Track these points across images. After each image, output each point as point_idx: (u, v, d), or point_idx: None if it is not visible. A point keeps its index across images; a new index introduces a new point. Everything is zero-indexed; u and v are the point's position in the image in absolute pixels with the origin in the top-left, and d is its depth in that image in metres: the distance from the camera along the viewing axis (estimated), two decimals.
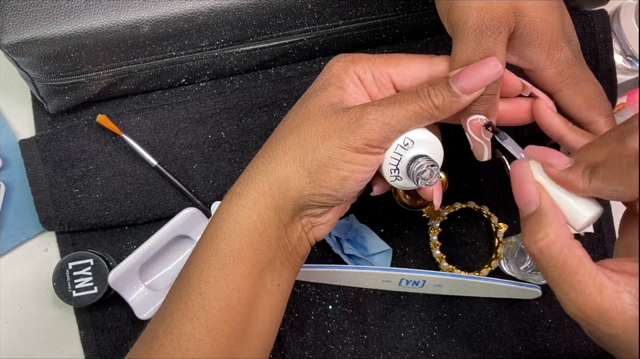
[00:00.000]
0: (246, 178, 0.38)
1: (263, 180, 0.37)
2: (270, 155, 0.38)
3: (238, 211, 0.38)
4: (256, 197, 0.37)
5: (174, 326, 0.37)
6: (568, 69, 0.38)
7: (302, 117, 0.38)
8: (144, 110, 0.55)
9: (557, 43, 0.38)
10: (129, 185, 0.55)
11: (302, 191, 0.37)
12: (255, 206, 0.37)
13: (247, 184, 0.38)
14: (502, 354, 0.58)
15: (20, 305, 0.58)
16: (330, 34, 0.53)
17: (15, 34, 0.46)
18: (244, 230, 0.37)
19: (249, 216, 0.37)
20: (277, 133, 0.39)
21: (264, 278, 0.38)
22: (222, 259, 0.37)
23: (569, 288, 0.30)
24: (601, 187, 0.30)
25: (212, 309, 0.37)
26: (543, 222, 0.31)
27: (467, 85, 0.35)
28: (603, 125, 0.40)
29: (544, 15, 0.37)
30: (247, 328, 0.38)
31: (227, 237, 0.37)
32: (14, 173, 0.58)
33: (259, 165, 0.38)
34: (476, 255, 0.59)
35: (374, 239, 0.58)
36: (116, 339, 0.57)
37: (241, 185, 0.38)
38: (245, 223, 0.37)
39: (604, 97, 0.40)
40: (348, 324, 0.58)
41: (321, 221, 0.40)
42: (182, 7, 0.47)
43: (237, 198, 0.38)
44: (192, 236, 0.55)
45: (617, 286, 0.29)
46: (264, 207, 0.37)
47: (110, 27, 0.47)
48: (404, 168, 0.38)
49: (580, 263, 0.30)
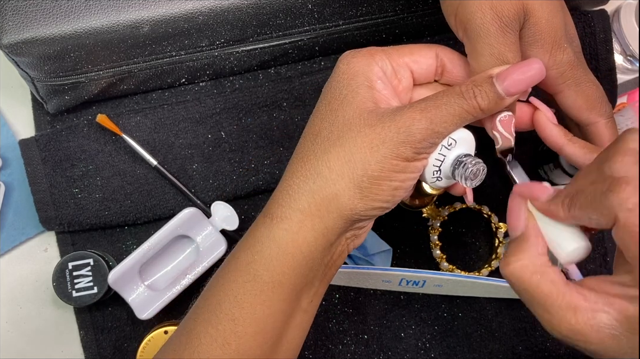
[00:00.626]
0: (287, 198, 0.36)
1: (309, 200, 0.35)
2: (313, 173, 0.35)
3: (281, 236, 0.35)
4: (302, 220, 0.35)
5: (202, 350, 0.36)
6: (570, 70, 0.38)
7: (341, 128, 0.35)
8: (143, 110, 0.55)
9: (560, 44, 0.38)
10: (129, 185, 0.55)
11: (355, 209, 0.35)
12: (301, 230, 0.35)
13: (289, 206, 0.36)
14: (502, 354, 0.58)
15: (20, 305, 0.58)
16: (330, 33, 0.53)
17: (15, 34, 0.46)
18: (287, 256, 0.35)
19: (293, 240, 0.35)
20: (315, 147, 0.36)
21: (301, 298, 0.37)
22: (260, 285, 0.35)
23: (542, 310, 0.31)
24: (579, 215, 0.31)
25: (245, 336, 0.35)
26: (520, 247, 0.33)
27: (513, 87, 0.34)
28: (603, 126, 0.40)
29: (549, 16, 0.37)
30: (278, 347, 0.37)
31: (268, 263, 0.35)
32: (13, 173, 0.58)
33: (301, 185, 0.35)
34: (476, 255, 0.59)
35: (374, 239, 0.58)
36: (116, 339, 0.57)
37: (281, 207, 0.36)
38: (289, 247, 0.35)
39: (604, 98, 0.40)
40: (348, 324, 0.58)
41: (363, 231, 0.39)
42: (182, 7, 0.47)
43: (279, 222, 0.36)
44: (192, 236, 0.55)
45: (594, 306, 0.29)
46: (311, 230, 0.35)
47: (110, 27, 0.47)
48: (447, 169, 0.37)
49: (553, 286, 0.30)
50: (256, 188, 0.56)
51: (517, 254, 0.32)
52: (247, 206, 0.57)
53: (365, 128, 0.35)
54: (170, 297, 0.54)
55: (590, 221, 0.30)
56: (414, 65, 0.38)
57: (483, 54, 0.36)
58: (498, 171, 0.59)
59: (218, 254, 0.54)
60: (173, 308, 0.55)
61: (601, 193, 0.29)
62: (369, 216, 0.36)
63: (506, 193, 0.59)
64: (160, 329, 0.53)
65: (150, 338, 0.53)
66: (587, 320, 0.29)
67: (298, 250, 0.35)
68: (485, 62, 0.36)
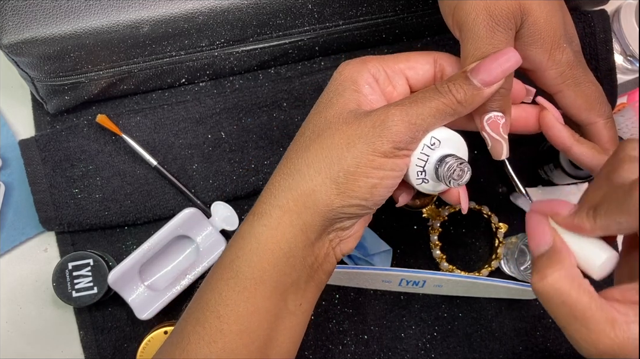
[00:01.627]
0: (268, 196, 0.37)
1: (287, 196, 0.36)
2: (292, 170, 0.36)
3: (261, 232, 0.36)
4: (280, 216, 0.36)
5: (190, 349, 0.36)
6: (569, 70, 0.38)
7: (321, 127, 0.36)
8: (143, 110, 0.55)
9: (559, 44, 0.38)
10: (129, 185, 0.55)
11: (331, 205, 0.35)
12: (279, 225, 0.36)
13: (270, 202, 0.36)
14: (502, 355, 0.58)
15: (20, 305, 0.58)
16: (330, 33, 0.53)
17: (15, 34, 0.46)
18: (267, 251, 0.36)
19: (272, 236, 0.36)
20: (296, 146, 0.37)
21: (286, 299, 0.37)
22: (242, 281, 0.36)
23: (581, 325, 0.29)
24: (606, 223, 0.30)
25: (231, 334, 0.36)
26: (553, 259, 0.31)
27: (488, 77, 0.34)
28: (602, 126, 0.40)
29: (548, 15, 0.37)
30: (267, 350, 0.37)
31: (249, 259, 0.36)
32: (13, 173, 0.58)
33: (281, 182, 0.36)
34: (476, 255, 0.59)
35: (374, 239, 0.58)
36: (116, 339, 0.57)
37: (263, 204, 0.37)
38: (268, 243, 0.36)
39: (604, 98, 0.40)
40: (348, 325, 0.58)
41: (349, 234, 0.38)
42: (182, 6, 0.47)
43: (260, 218, 0.36)
44: (192, 236, 0.55)
45: (627, 318, 0.29)
46: (289, 226, 0.36)
47: (110, 27, 0.47)
48: (431, 170, 0.36)
49: (591, 298, 0.29)
50: (256, 188, 0.56)
51: (551, 266, 0.31)
52: (247, 206, 0.57)
53: (343, 126, 0.35)
54: (170, 297, 0.54)
55: (619, 226, 0.30)
56: (410, 72, 0.38)
57: (470, 54, 0.36)
58: (498, 171, 0.59)
59: (218, 254, 0.54)
60: (173, 308, 0.55)
61: (624, 194, 0.29)
62: (347, 215, 0.36)
63: (506, 194, 0.59)
64: (160, 329, 0.53)
65: (150, 338, 0.53)
66: (624, 333, 0.28)
67: (277, 246, 0.36)
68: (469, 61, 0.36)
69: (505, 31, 0.36)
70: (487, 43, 0.35)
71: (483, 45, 0.35)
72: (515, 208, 0.60)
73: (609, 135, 0.40)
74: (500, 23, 0.35)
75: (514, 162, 0.59)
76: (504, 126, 0.37)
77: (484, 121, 0.37)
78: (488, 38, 0.35)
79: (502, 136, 0.37)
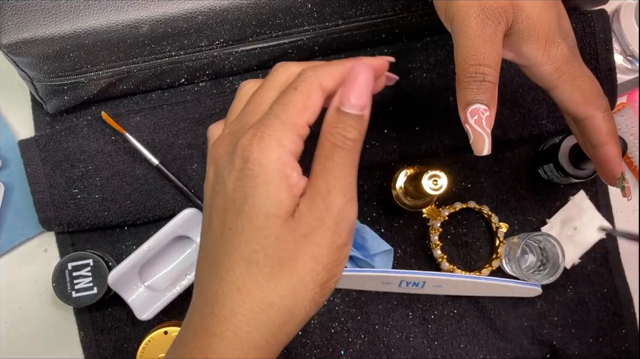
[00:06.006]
0: (237, 339, 0.31)
1: (265, 337, 0.31)
2: (263, 306, 0.31)
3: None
4: (259, 355, 0.31)
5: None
6: (565, 65, 0.38)
7: (276, 248, 0.31)
8: (143, 110, 0.55)
9: (553, 39, 0.38)
10: (129, 185, 0.55)
11: (311, 312, 0.33)
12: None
13: (242, 346, 0.31)
14: (509, 353, 0.58)
15: (19, 306, 0.58)
16: (330, 33, 0.53)
17: (15, 34, 0.46)
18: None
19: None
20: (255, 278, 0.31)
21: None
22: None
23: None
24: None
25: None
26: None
27: (360, 100, 0.32)
28: (600, 119, 0.40)
29: (541, 11, 0.37)
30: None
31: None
32: (13, 173, 0.58)
33: (251, 323, 0.31)
34: (477, 254, 0.59)
35: (374, 239, 0.57)
36: (116, 339, 0.57)
37: (235, 350, 0.31)
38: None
39: (600, 91, 0.40)
40: (352, 324, 0.58)
41: None
42: (181, 6, 0.47)
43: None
44: (192, 236, 0.55)
45: None
46: (267, 355, 0.32)
47: (109, 27, 0.47)
48: None
49: None
50: None
51: None
52: None
53: (301, 241, 0.31)
54: (170, 298, 0.54)
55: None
56: (312, 118, 0.33)
57: (461, 45, 0.36)
58: (498, 171, 0.59)
59: None
60: (173, 308, 0.55)
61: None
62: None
63: (506, 193, 0.59)
64: (160, 329, 0.53)
65: (150, 338, 0.53)
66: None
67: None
68: (461, 55, 0.36)
69: (494, 25, 0.36)
70: (477, 35, 0.36)
71: (473, 37, 0.36)
72: (516, 208, 0.60)
73: (607, 128, 0.40)
74: (491, 17, 0.36)
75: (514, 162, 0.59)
76: (487, 119, 0.36)
77: (468, 113, 0.36)
78: (478, 30, 0.36)
79: (485, 130, 0.36)
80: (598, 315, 0.59)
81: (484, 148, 0.37)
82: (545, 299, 0.58)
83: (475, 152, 0.37)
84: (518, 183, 0.60)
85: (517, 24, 0.37)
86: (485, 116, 0.36)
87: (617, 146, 0.41)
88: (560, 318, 0.59)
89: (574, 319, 0.59)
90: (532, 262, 0.59)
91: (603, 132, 0.40)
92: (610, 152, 0.41)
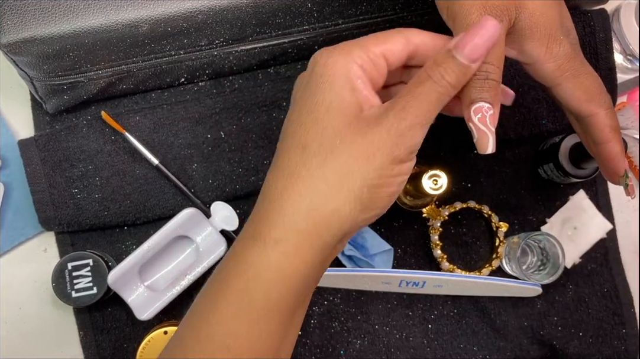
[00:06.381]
0: (281, 219, 0.34)
1: (307, 221, 0.33)
2: (309, 191, 0.34)
3: (279, 261, 0.34)
4: (299, 241, 0.34)
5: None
6: (567, 63, 0.38)
7: (332, 139, 0.34)
8: (143, 109, 0.55)
9: (556, 37, 0.38)
10: (128, 185, 0.55)
11: (355, 220, 0.34)
12: (298, 251, 0.34)
13: (285, 227, 0.34)
14: (509, 352, 0.58)
15: (19, 305, 0.58)
16: (329, 33, 0.53)
17: (14, 33, 0.46)
18: (285, 279, 0.34)
19: (291, 263, 0.34)
20: (306, 163, 0.34)
21: (294, 317, 0.36)
22: (256, 312, 0.34)
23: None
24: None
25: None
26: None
27: (474, 53, 0.34)
28: (604, 117, 0.40)
29: (543, 8, 0.37)
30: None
31: (266, 289, 0.34)
32: (13, 173, 0.58)
33: (295, 204, 0.33)
34: (477, 254, 0.59)
35: (374, 239, 0.57)
36: (115, 339, 0.57)
37: (276, 229, 0.34)
38: (287, 271, 0.34)
39: (603, 89, 0.40)
40: (352, 324, 0.58)
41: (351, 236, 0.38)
42: (181, 5, 0.47)
43: (276, 245, 0.34)
44: (192, 236, 0.55)
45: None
46: (309, 248, 0.34)
47: (109, 26, 0.47)
48: None
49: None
50: (256, 188, 0.56)
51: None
52: (247, 206, 0.57)
53: (357, 137, 0.33)
54: (170, 298, 0.54)
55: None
56: (388, 53, 0.37)
57: None
58: (498, 171, 0.59)
59: (218, 254, 0.54)
60: (173, 308, 0.55)
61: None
62: (365, 225, 0.36)
63: (506, 193, 0.59)
64: (160, 329, 0.53)
65: (150, 338, 0.53)
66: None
67: (295, 272, 0.34)
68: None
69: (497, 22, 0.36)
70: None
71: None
72: (516, 208, 0.60)
73: (610, 125, 0.40)
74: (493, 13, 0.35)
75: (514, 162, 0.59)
76: (491, 118, 0.36)
77: (472, 111, 0.36)
78: None
79: (489, 128, 0.36)
80: (598, 315, 0.59)
81: (488, 147, 0.37)
82: (545, 299, 0.58)
83: (479, 151, 0.37)
84: (518, 182, 0.59)
85: (520, 21, 0.37)
86: (489, 114, 0.36)
87: (620, 143, 0.41)
88: (560, 318, 0.58)
89: (573, 319, 0.59)
90: (532, 262, 0.59)
91: (606, 129, 0.40)
92: (614, 149, 0.41)
